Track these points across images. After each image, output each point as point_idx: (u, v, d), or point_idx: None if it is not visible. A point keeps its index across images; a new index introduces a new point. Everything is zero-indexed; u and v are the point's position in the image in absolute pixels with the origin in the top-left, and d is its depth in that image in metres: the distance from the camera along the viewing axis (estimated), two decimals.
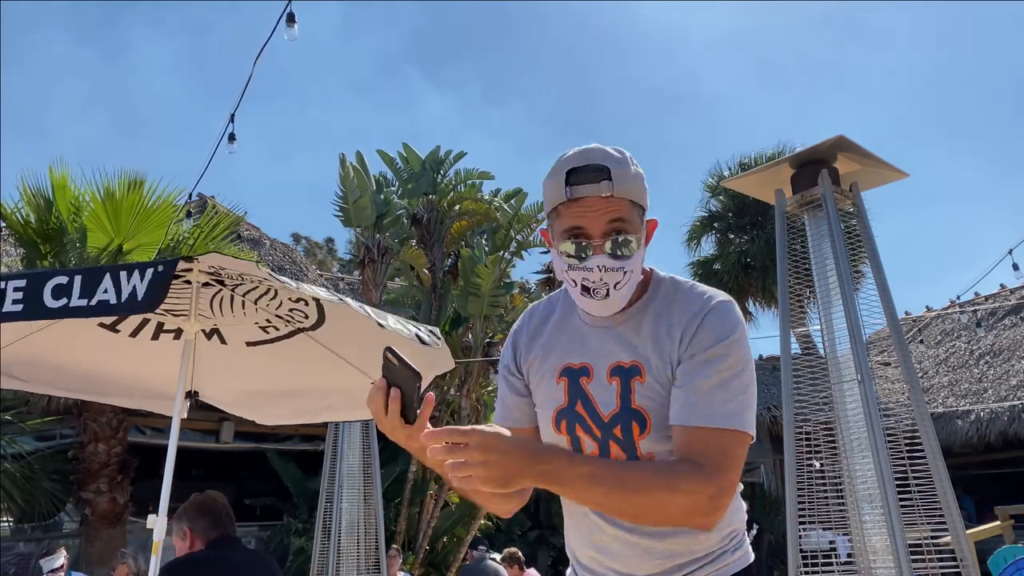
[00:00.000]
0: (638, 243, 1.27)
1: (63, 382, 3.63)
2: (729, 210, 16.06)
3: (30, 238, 7.32)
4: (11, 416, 8.02)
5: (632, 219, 1.26)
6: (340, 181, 9.78)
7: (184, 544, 2.61)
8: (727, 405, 1.21)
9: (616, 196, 1.24)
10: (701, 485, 1.16)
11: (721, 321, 1.27)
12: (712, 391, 1.21)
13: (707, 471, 1.17)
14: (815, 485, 4.03)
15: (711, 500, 1.17)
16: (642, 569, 1.30)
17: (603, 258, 1.25)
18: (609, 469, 1.18)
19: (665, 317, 1.30)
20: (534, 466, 1.11)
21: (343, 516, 7.26)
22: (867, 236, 4.32)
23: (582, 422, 1.32)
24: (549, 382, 1.37)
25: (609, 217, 1.24)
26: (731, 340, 1.25)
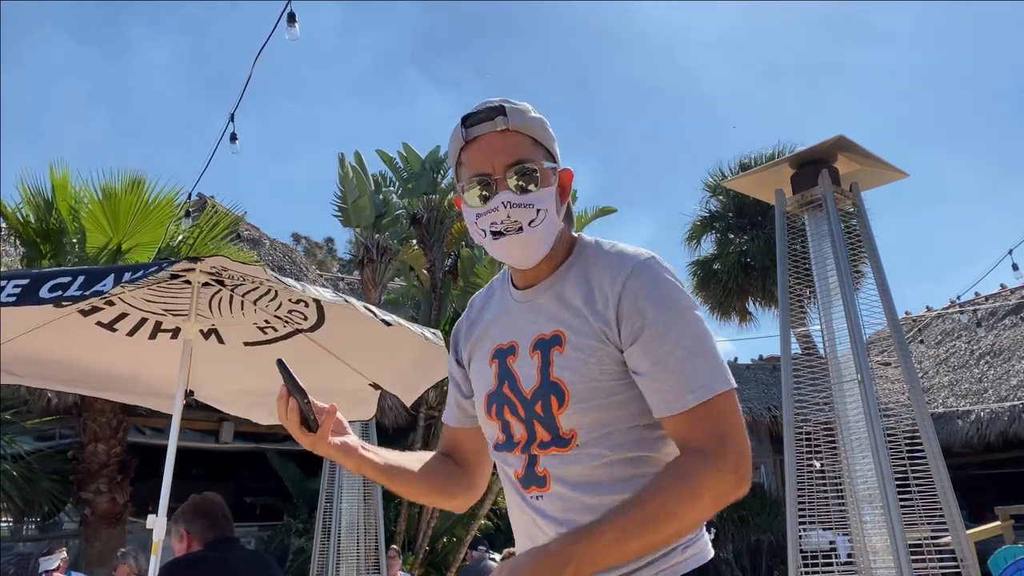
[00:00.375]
0: (545, 179, 1.22)
1: (60, 377, 3.64)
2: (729, 210, 16.05)
3: (30, 238, 7.33)
4: (11, 416, 8.03)
5: (535, 156, 1.22)
6: (339, 181, 9.79)
7: (182, 546, 2.61)
8: (702, 373, 1.13)
9: (512, 130, 1.21)
10: (718, 471, 1.09)
11: (653, 284, 1.17)
12: (682, 366, 1.12)
13: (716, 452, 1.10)
14: (815, 485, 4.03)
15: (735, 476, 1.09)
16: None
17: (507, 194, 1.19)
18: (628, 515, 1.08)
19: (585, 281, 1.22)
20: (565, 566, 1.04)
21: (343, 516, 7.26)
22: (867, 236, 4.31)
23: (509, 404, 1.24)
24: (482, 366, 1.31)
25: (509, 152, 1.20)
26: (671, 300, 1.16)
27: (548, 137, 1.26)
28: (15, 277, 2.52)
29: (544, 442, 1.20)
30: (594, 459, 1.17)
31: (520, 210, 1.19)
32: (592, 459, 1.17)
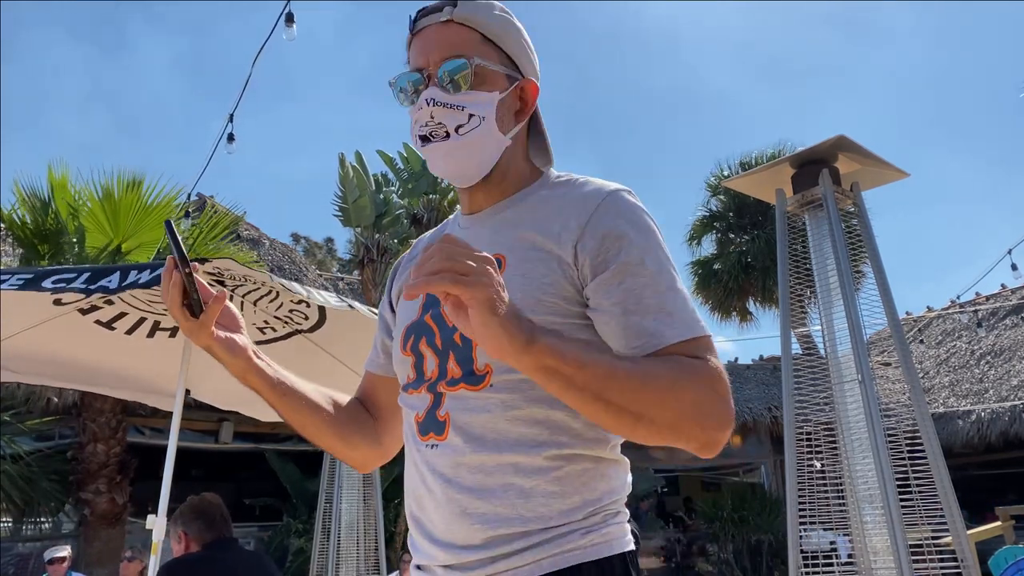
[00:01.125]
0: (486, 80, 1.06)
1: (58, 374, 3.64)
2: (730, 210, 16.05)
3: (27, 239, 7.32)
4: (10, 416, 8.02)
5: (483, 52, 1.06)
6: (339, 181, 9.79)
7: (180, 547, 2.61)
8: (685, 311, 0.97)
9: (457, 21, 1.06)
10: (715, 380, 0.93)
11: (631, 211, 1.03)
12: (662, 300, 0.96)
13: (711, 367, 0.94)
14: (816, 485, 4.02)
15: (726, 404, 0.93)
16: (459, 536, 0.99)
17: (433, 90, 1.04)
18: (608, 353, 0.94)
19: (545, 206, 1.07)
20: (526, 319, 0.85)
21: (343, 516, 7.25)
22: (868, 236, 4.31)
23: (428, 334, 1.07)
24: (408, 304, 1.14)
25: (445, 45, 1.05)
26: (650, 232, 1.02)
27: (508, 38, 1.10)
28: (18, 272, 2.53)
29: (454, 378, 1.03)
30: (503, 408, 0.99)
31: (446, 111, 1.04)
32: (501, 407, 0.99)
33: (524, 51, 1.12)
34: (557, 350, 0.85)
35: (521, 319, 0.84)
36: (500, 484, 0.98)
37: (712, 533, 13.03)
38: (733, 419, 0.94)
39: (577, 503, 0.99)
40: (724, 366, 0.98)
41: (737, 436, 13.86)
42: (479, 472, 0.99)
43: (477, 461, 0.99)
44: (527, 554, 0.96)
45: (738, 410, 13.73)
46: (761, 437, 14.03)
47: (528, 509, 0.97)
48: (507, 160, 1.11)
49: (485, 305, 0.80)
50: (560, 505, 0.98)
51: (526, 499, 0.97)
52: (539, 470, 0.98)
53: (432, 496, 1.03)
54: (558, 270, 1.01)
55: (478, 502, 0.98)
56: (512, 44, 1.10)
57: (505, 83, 1.09)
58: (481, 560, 0.98)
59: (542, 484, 0.98)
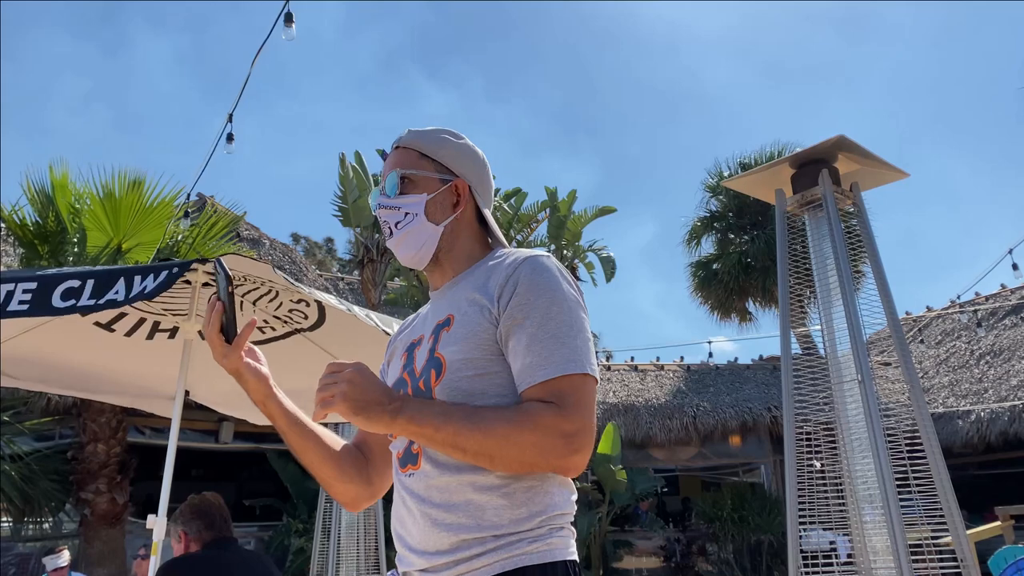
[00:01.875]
0: (418, 185, 1.36)
1: (56, 379, 3.63)
2: (729, 210, 16.05)
3: (28, 238, 7.32)
4: (10, 416, 8.03)
5: (415, 164, 1.37)
6: (339, 181, 9.79)
7: (180, 547, 2.61)
8: (560, 354, 1.18)
9: (403, 146, 1.39)
10: (557, 420, 1.13)
11: (536, 271, 1.25)
12: (542, 346, 1.18)
13: (562, 409, 1.14)
14: (815, 485, 4.02)
15: (569, 438, 1.13)
16: (431, 544, 1.20)
17: (378, 196, 1.38)
18: (462, 407, 1.17)
19: (485, 273, 1.31)
20: (392, 401, 1.15)
21: (343, 516, 7.26)
22: (867, 236, 4.31)
23: (404, 386, 1.31)
24: (396, 362, 1.39)
25: (393, 163, 1.38)
26: (547, 287, 1.23)
27: (441, 151, 1.38)
28: (21, 280, 2.49)
29: None
30: None
31: (387, 211, 1.36)
32: None
33: (457, 159, 1.40)
34: (415, 420, 1.14)
35: (383, 403, 1.15)
36: (462, 500, 1.19)
37: (712, 533, 13.04)
38: (581, 448, 1.15)
39: (524, 514, 1.19)
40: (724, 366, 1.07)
41: (737, 436, 13.87)
42: (445, 491, 1.20)
43: (443, 482, 1.20)
44: (484, 557, 1.16)
45: (738, 410, 13.74)
46: (761, 437, 14.03)
47: (484, 519, 1.18)
48: (450, 244, 1.37)
49: (345, 409, 1.15)
50: (510, 515, 1.18)
51: (482, 511, 1.18)
52: (491, 487, 1.18)
53: (411, 514, 1.24)
54: (486, 319, 1.24)
55: (445, 514, 1.19)
56: (445, 155, 1.39)
57: (437, 184, 1.37)
58: (447, 563, 1.18)
59: (494, 499, 1.18)
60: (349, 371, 1.17)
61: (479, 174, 1.42)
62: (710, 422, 13.46)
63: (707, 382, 14.76)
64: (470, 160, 1.42)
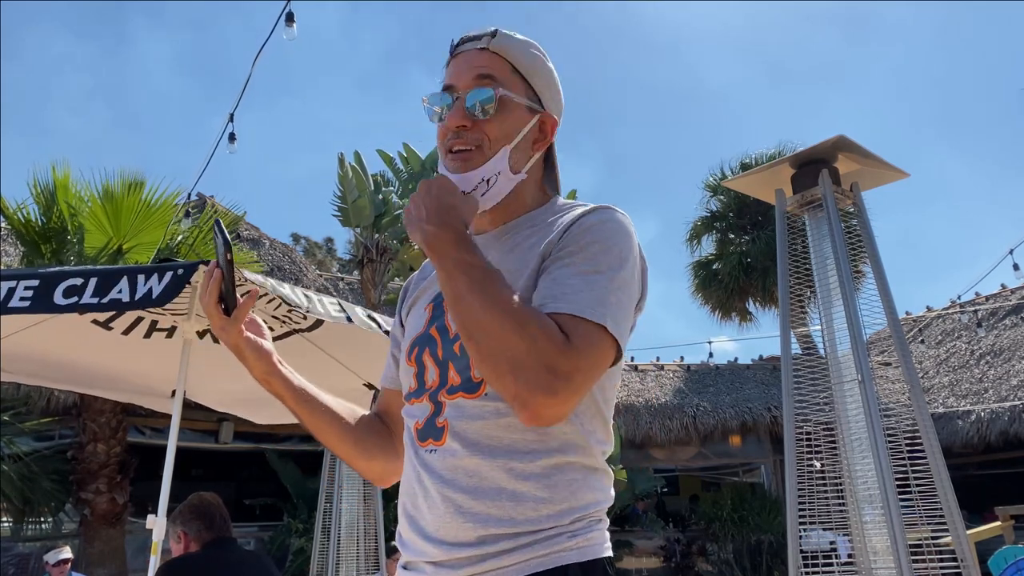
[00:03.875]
0: (509, 110, 1.13)
1: (55, 375, 3.63)
2: (730, 210, 16.05)
3: (31, 237, 7.32)
4: (10, 416, 8.02)
5: (509, 83, 1.13)
6: (339, 181, 9.79)
7: (179, 548, 2.61)
8: (587, 296, 1.00)
9: (492, 49, 1.14)
10: (556, 348, 0.94)
11: (599, 220, 1.08)
12: (571, 280, 1.02)
13: (569, 342, 0.96)
14: (815, 485, 4.02)
15: (554, 375, 0.93)
16: (450, 534, 1.04)
17: (456, 115, 1.13)
18: (488, 271, 1.00)
19: (543, 226, 1.13)
20: (429, 222, 1.01)
21: (343, 516, 7.25)
22: (867, 236, 4.31)
23: (431, 345, 1.14)
24: (418, 313, 1.21)
25: (477, 70, 1.13)
26: (606, 237, 1.06)
27: (536, 74, 1.17)
28: (24, 277, 2.49)
29: (454, 386, 1.09)
30: (497, 415, 1.04)
31: (460, 161, 1.14)
32: (495, 415, 1.05)
33: (549, 87, 1.19)
34: (436, 252, 1.01)
35: (449, 230, 1.01)
36: (494, 487, 1.03)
37: (712, 533, 13.04)
38: (559, 395, 0.94)
39: (564, 509, 1.04)
40: (724, 366, 1.00)
41: (737, 436, 13.87)
42: (475, 476, 1.04)
43: (473, 465, 1.05)
44: (515, 554, 1.01)
45: (738, 410, 13.74)
46: (761, 437, 14.03)
47: (518, 512, 1.02)
48: (517, 189, 1.17)
49: (414, 235, 1.03)
50: (548, 510, 1.03)
51: (516, 503, 1.02)
52: (530, 476, 1.03)
53: (427, 495, 1.07)
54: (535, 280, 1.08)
55: (473, 502, 1.03)
56: (539, 79, 1.17)
57: (527, 114, 1.16)
58: (470, 558, 1.02)
59: (532, 490, 1.03)
60: (440, 180, 1.07)
61: (561, 107, 1.22)
62: (710, 422, 13.46)
63: (707, 382, 14.75)
64: (557, 89, 1.21)
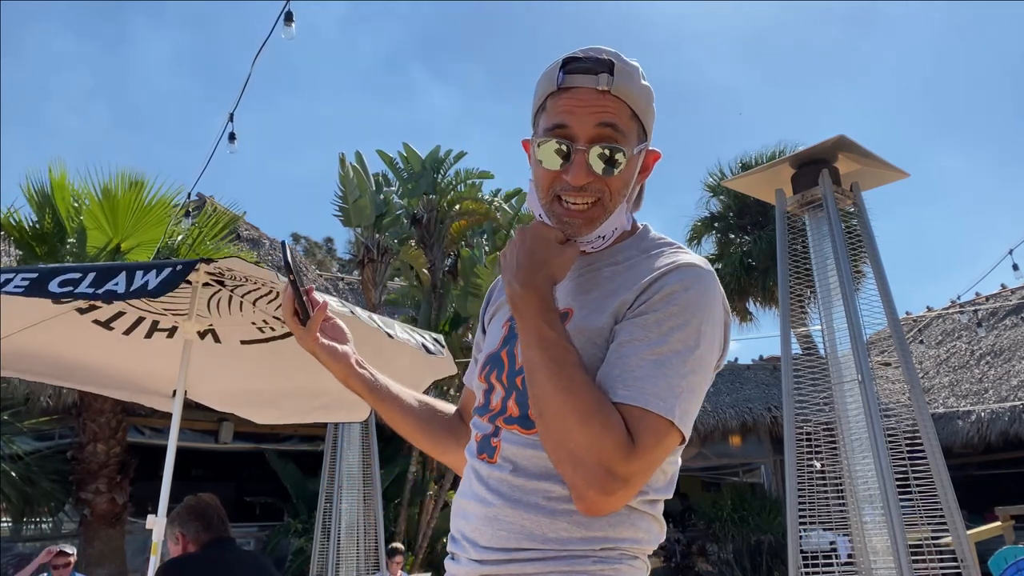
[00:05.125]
0: (629, 163, 1.08)
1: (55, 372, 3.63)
2: (730, 210, 16.06)
3: (25, 239, 7.32)
4: (9, 416, 8.02)
5: (628, 131, 1.08)
6: (339, 181, 9.78)
7: (177, 549, 2.61)
8: (659, 384, 0.97)
9: (614, 93, 1.06)
10: (618, 450, 0.93)
11: (676, 279, 1.04)
12: (644, 364, 0.98)
13: (632, 444, 0.95)
14: (815, 485, 4.02)
15: (611, 477, 0.93)
16: (485, 538, 1.06)
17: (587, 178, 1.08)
18: (565, 350, 0.99)
19: (621, 267, 1.11)
20: (533, 279, 1.02)
21: (343, 516, 7.25)
22: (868, 236, 4.31)
23: (499, 368, 1.15)
24: (496, 327, 1.22)
25: (601, 118, 1.06)
26: (688, 303, 1.02)
27: (648, 112, 1.11)
28: (23, 271, 2.50)
29: (511, 417, 1.11)
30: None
31: (594, 238, 1.12)
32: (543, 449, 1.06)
33: (653, 118, 1.14)
34: (524, 319, 1.02)
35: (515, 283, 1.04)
36: (532, 503, 1.05)
37: (712, 533, 13.03)
38: (614, 495, 0.95)
39: (598, 536, 1.03)
40: (724, 366, 0.98)
41: (737, 436, 13.87)
42: (517, 490, 1.06)
43: (518, 482, 1.07)
44: (538, 564, 1.03)
45: (738, 410, 13.74)
46: (761, 437, 14.03)
47: (551, 530, 1.03)
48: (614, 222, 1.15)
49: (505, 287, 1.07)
50: (581, 534, 1.03)
51: (552, 520, 1.03)
52: (570, 501, 1.02)
53: (476, 499, 1.11)
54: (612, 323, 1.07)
55: (509, 511, 1.06)
56: (649, 117, 1.12)
57: (636, 160, 1.11)
58: (499, 560, 1.05)
59: (571, 512, 1.03)
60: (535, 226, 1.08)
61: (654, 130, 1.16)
62: (710, 422, 13.45)
63: None
64: (654, 115, 1.14)
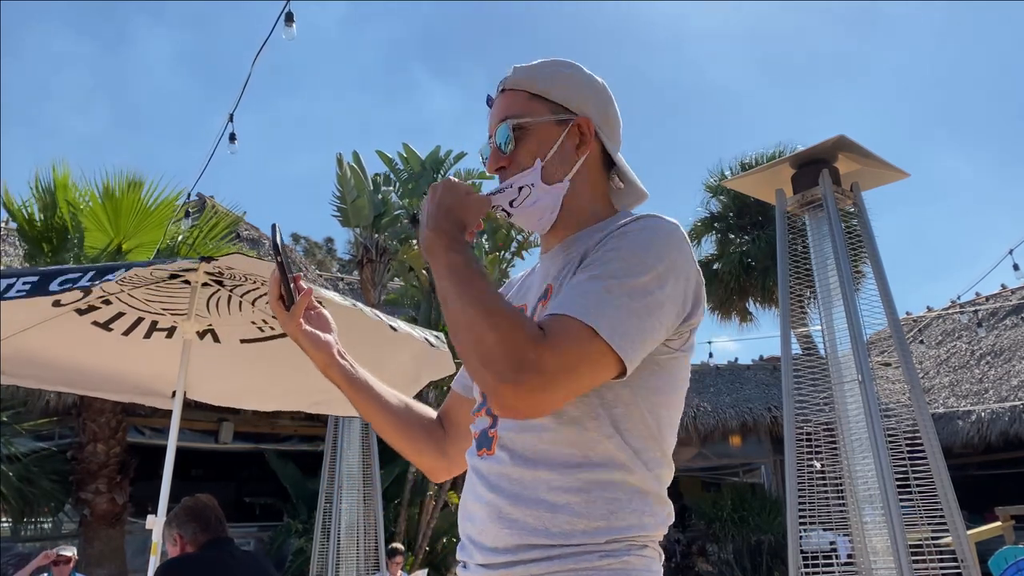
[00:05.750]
0: (534, 134, 1.16)
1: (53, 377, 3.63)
2: (730, 210, 16.05)
3: (35, 236, 7.33)
4: (9, 417, 8.02)
5: (527, 108, 1.17)
6: (338, 181, 9.78)
7: (176, 550, 2.62)
8: (587, 299, 0.99)
9: (509, 88, 1.19)
10: (527, 342, 0.95)
11: (635, 224, 1.08)
12: (579, 289, 1.01)
13: (545, 339, 0.96)
14: (816, 485, 4.02)
15: (521, 366, 0.94)
16: (490, 538, 1.07)
17: (493, 156, 1.19)
18: (472, 270, 1.03)
19: (593, 238, 1.13)
20: (427, 227, 1.09)
21: (343, 517, 7.25)
22: (868, 236, 4.31)
23: None
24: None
25: (498, 115, 1.18)
26: (641, 244, 1.04)
27: (554, 87, 1.18)
28: (24, 275, 2.51)
29: None
30: (542, 429, 1.07)
31: (501, 196, 1.19)
32: (540, 429, 1.07)
33: (575, 92, 1.20)
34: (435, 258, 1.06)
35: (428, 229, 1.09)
36: (533, 497, 1.05)
37: (712, 533, 13.03)
38: (528, 386, 0.95)
39: (600, 527, 1.03)
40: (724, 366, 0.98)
41: (737, 436, 13.87)
42: (517, 483, 1.07)
43: (517, 474, 1.08)
44: (544, 564, 1.03)
45: (738, 410, 13.74)
46: (761, 437, 14.02)
47: (553, 524, 1.03)
48: (571, 200, 1.19)
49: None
50: (583, 525, 1.03)
51: (553, 514, 1.04)
52: (569, 489, 1.04)
53: (478, 500, 1.12)
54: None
55: (512, 508, 1.06)
56: (559, 90, 1.19)
57: (556, 128, 1.18)
58: (504, 563, 1.05)
59: (570, 503, 1.04)
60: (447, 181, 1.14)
61: (602, 107, 1.21)
62: (710, 422, 13.45)
63: (707, 382, 14.75)
64: (590, 90, 1.21)
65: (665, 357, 1.08)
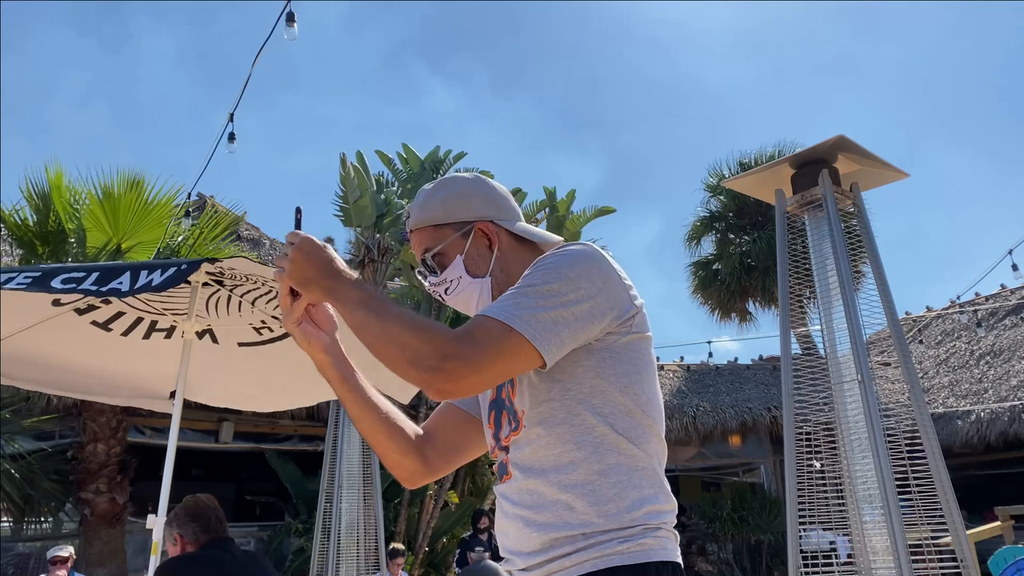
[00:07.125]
0: (449, 254, 1.37)
1: (52, 380, 3.63)
2: (730, 210, 16.06)
3: (28, 236, 7.32)
4: (10, 415, 8.02)
5: (435, 238, 1.38)
6: (340, 181, 9.77)
7: (176, 550, 2.61)
8: (501, 303, 1.16)
9: (414, 230, 1.40)
10: (445, 339, 1.11)
11: (550, 252, 1.24)
12: (503, 297, 1.18)
13: (459, 336, 1.12)
14: (815, 485, 4.03)
15: (443, 356, 1.09)
16: (526, 545, 1.22)
17: (427, 282, 1.42)
18: (381, 301, 1.18)
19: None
20: (324, 279, 1.21)
21: (343, 516, 7.25)
22: (867, 236, 4.31)
23: (499, 405, 1.33)
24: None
25: (417, 251, 1.41)
26: (545, 261, 1.21)
27: (448, 212, 1.37)
28: (26, 271, 2.51)
29: (508, 430, 1.29)
30: (538, 439, 1.23)
31: (436, 287, 1.39)
32: (537, 439, 1.23)
33: (463, 205, 1.38)
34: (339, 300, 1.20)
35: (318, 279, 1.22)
36: (550, 500, 1.20)
37: (712, 533, 13.04)
38: (452, 371, 1.10)
39: (613, 510, 1.17)
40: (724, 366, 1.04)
41: (737, 436, 13.88)
42: (534, 494, 1.22)
43: (531, 485, 1.22)
44: (574, 556, 1.16)
45: (738, 410, 13.75)
46: (761, 437, 14.04)
47: (573, 517, 1.18)
48: (507, 278, 1.34)
49: (289, 284, 1.27)
50: (598, 510, 1.17)
51: (571, 510, 1.18)
52: (577, 485, 1.18)
53: (507, 517, 1.27)
54: None
55: (535, 515, 1.21)
56: (453, 212, 1.38)
57: (463, 241, 1.37)
58: (540, 563, 1.20)
59: (582, 496, 1.18)
60: (294, 249, 1.24)
61: (492, 201, 1.41)
62: (710, 422, 13.46)
63: (707, 382, 14.76)
64: (477, 196, 1.40)
65: (621, 343, 1.22)
